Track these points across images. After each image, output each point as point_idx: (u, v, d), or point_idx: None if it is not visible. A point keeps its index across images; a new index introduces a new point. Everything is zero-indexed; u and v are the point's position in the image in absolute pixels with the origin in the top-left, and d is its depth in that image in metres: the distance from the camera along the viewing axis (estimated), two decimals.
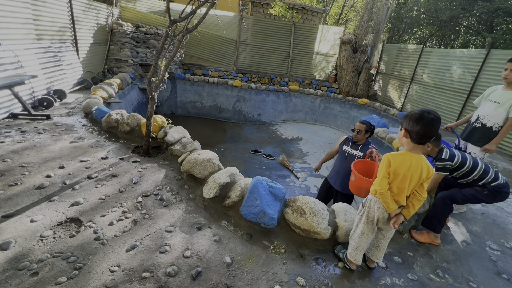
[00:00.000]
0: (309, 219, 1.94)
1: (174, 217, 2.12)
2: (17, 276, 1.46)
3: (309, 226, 1.93)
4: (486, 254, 2.22)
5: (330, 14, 20.78)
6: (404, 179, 1.46)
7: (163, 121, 3.70)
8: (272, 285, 1.62)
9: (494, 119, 2.55)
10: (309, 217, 1.94)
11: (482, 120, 2.64)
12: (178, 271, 1.63)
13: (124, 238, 1.83)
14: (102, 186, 2.39)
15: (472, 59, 6.30)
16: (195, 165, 2.52)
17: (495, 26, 11.41)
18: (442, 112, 6.88)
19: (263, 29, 9.77)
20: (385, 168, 1.49)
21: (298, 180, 5.20)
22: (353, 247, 1.75)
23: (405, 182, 1.47)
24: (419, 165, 1.44)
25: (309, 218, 1.94)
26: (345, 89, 9.28)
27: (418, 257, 2.06)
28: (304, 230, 1.98)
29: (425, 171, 1.45)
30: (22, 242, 1.68)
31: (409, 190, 1.50)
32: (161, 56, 2.97)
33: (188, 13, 2.72)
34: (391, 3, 8.55)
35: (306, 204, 2.01)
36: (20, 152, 2.73)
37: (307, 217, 1.95)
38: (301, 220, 1.97)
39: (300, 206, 2.02)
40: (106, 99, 4.68)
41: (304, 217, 1.96)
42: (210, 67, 9.78)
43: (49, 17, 5.01)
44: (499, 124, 2.52)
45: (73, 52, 5.64)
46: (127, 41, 7.25)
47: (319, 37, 10.11)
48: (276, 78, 10.03)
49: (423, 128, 1.37)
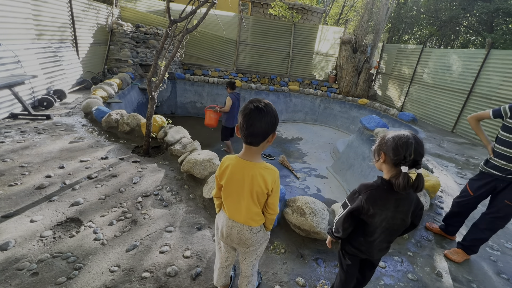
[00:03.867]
0: (309, 219, 1.94)
1: (174, 217, 2.11)
2: (17, 276, 1.46)
3: (309, 226, 1.93)
4: (486, 254, 2.22)
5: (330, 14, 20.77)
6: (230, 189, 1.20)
7: (163, 121, 3.69)
8: (272, 285, 1.62)
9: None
10: (309, 217, 1.94)
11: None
12: (178, 271, 1.63)
13: (124, 238, 1.83)
14: (102, 186, 2.39)
15: (472, 59, 6.30)
16: (195, 165, 2.52)
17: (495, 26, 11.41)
18: (442, 112, 6.88)
19: (263, 29, 9.76)
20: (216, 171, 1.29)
21: (298, 180, 5.20)
22: (214, 265, 1.51)
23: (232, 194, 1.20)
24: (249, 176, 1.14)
25: (309, 218, 1.94)
26: (345, 89, 9.28)
27: (418, 257, 2.06)
28: (304, 230, 1.98)
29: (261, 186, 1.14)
30: (22, 242, 1.68)
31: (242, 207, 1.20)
32: (161, 56, 2.97)
33: (188, 13, 2.72)
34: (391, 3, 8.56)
35: (306, 204, 2.01)
36: (20, 152, 2.73)
37: (307, 217, 1.95)
38: (301, 220, 1.97)
39: (300, 206, 2.02)
40: (106, 99, 4.67)
41: (304, 217, 1.96)
42: (210, 67, 9.78)
43: (49, 17, 5.00)
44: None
45: (73, 52, 5.64)
46: (127, 41, 7.25)
47: (319, 37, 10.10)
48: (276, 78, 10.03)
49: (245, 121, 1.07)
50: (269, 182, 1.12)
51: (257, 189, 1.13)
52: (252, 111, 1.04)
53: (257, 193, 1.14)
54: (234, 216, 1.21)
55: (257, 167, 1.12)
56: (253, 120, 1.04)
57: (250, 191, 1.14)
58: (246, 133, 1.07)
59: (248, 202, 1.16)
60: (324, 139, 7.66)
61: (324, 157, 6.48)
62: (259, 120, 1.04)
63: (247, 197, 1.15)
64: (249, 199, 1.15)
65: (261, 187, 1.12)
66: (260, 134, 1.07)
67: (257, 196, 1.16)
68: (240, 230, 1.21)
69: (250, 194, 1.14)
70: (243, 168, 1.13)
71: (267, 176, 1.12)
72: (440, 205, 2.82)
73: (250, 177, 1.12)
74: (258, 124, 1.04)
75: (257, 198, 1.16)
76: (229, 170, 1.16)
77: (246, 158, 1.14)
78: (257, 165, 1.12)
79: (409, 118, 6.45)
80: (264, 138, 1.09)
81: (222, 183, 1.20)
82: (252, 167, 1.12)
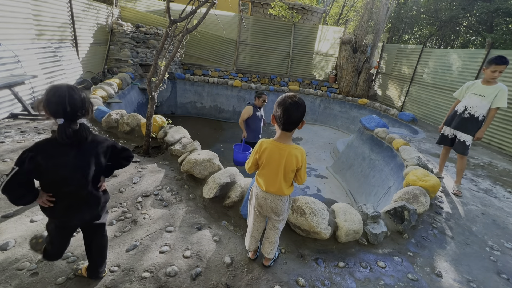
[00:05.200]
0: (309, 219, 1.94)
1: (174, 217, 2.11)
2: (17, 276, 1.46)
3: (309, 226, 1.93)
4: (486, 254, 2.22)
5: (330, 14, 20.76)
6: (269, 168, 1.46)
7: (163, 121, 3.70)
8: (272, 285, 1.62)
9: (480, 110, 2.91)
10: (309, 217, 1.94)
11: (470, 111, 2.99)
12: (178, 271, 1.63)
13: (124, 238, 1.83)
14: None
15: (472, 59, 6.30)
16: (195, 165, 2.52)
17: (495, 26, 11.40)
18: (442, 112, 6.87)
19: (263, 29, 9.76)
20: (253, 154, 1.51)
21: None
22: (247, 233, 1.77)
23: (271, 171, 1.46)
24: (284, 156, 1.40)
25: (309, 218, 1.94)
26: (345, 89, 9.28)
27: (418, 257, 2.06)
28: (304, 230, 1.98)
29: (293, 163, 1.41)
30: (22, 242, 1.68)
31: (277, 181, 1.46)
32: (161, 56, 2.97)
33: (188, 13, 2.72)
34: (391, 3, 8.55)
35: (306, 204, 2.01)
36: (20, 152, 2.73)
37: (307, 217, 1.95)
38: (301, 220, 1.97)
39: (300, 206, 2.02)
40: (106, 99, 4.68)
41: (304, 217, 1.96)
42: (210, 67, 9.78)
43: (49, 17, 5.00)
44: (483, 115, 2.92)
45: (73, 52, 5.64)
46: (127, 41, 7.25)
47: (319, 37, 10.10)
48: (276, 78, 10.03)
49: (284, 113, 1.33)
50: (300, 159, 1.43)
51: (290, 166, 1.42)
52: (290, 104, 1.32)
53: (289, 169, 1.43)
54: (269, 188, 1.49)
55: (290, 148, 1.41)
56: (291, 111, 1.33)
57: (284, 168, 1.42)
58: (284, 122, 1.36)
59: (281, 177, 1.45)
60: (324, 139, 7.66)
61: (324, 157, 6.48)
62: (296, 110, 1.33)
63: (281, 173, 1.44)
64: (282, 174, 1.44)
65: (293, 164, 1.42)
66: (295, 122, 1.37)
67: (289, 172, 1.44)
68: (273, 200, 1.51)
69: (284, 170, 1.43)
70: (280, 149, 1.42)
71: (298, 154, 1.42)
72: (440, 205, 2.82)
73: (285, 156, 1.41)
74: (294, 114, 1.34)
75: (288, 173, 1.45)
76: (268, 151, 1.44)
77: (281, 141, 1.43)
78: (290, 147, 1.42)
79: (409, 118, 6.45)
80: (297, 125, 1.39)
81: (260, 162, 1.49)
82: (286, 148, 1.41)
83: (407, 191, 2.64)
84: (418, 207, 2.44)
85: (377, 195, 4.10)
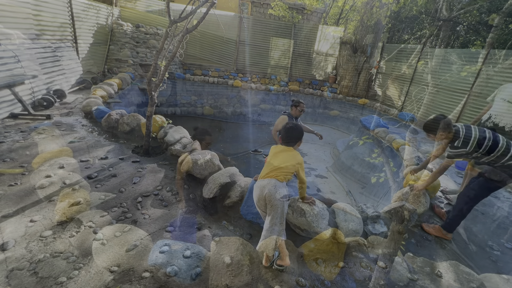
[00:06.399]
0: (309, 219, 1.94)
1: (174, 217, 2.11)
2: (17, 276, 1.46)
3: (309, 226, 1.93)
4: (486, 254, 2.22)
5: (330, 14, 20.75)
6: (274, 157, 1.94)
7: (163, 121, 3.69)
8: (272, 285, 1.62)
9: (506, 119, 2.35)
10: (309, 217, 1.94)
11: (494, 120, 2.45)
12: (178, 271, 1.63)
13: (124, 238, 1.83)
14: (102, 186, 2.39)
15: (472, 59, 6.30)
16: (195, 165, 2.52)
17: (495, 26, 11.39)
18: (442, 112, 6.87)
19: (263, 29, 9.76)
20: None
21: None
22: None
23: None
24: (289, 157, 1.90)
25: (309, 218, 1.94)
26: (345, 89, 9.28)
27: (418, 257, 2.06)
28: (304, 230, 1.98)
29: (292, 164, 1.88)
30: (22, 242, 1.68)
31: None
32: (161, 56, 2.97)
33: (188, 13, 2.72)
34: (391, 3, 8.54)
35: (306, 204, 2.01)
36: (20, 152, 2.73)
37: (307, 217, 1.95)
38: (301, 220, 1.97)
39: (300, 206, 2.02)
40: (106, 99, 4.68)
41: (304, 217, 1.96)
42: (210, 67, 9.77)
43: (49, 17, 5.00)
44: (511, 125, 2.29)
45: (73, 52, 5.64)
46: (127, 41, 7.25)
47: (319, 37, 10.09)
48: (276, 78, 10.03)
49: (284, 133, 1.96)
50: (298, 159, 1.89)
51: (287, 163, 1.85)
52: (289, 128, 1.96)
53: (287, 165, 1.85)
54: (263, 176, 1.85)
55: (291, 150, 1.94)
56: (290, 133, 1.95)
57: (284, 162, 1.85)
58: (285, 140, 1.96)
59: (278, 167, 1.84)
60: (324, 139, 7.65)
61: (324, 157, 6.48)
62: (293, 132, 1.96)
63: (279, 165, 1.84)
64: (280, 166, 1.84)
65: (291, 162, 1.86)
66: (293, 140, 1.96)
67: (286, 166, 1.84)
68: (264, 185, 1.79)
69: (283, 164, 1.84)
70: (285, 150, 1.94)
71: (296, 156, 1.90)
72: (440, 205, 2.81)
73: (286, 155, 1.90)
74: (292, 135, 1.95)
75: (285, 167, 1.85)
76: (275, 150, 1.96)
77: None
78: (292, 149, 1.94)
79: (408, 118, 6.46)
80: (295, 143, 1.97)
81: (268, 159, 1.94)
82: (288, 150, 1.93)
83: (407, 191, 2.64)
84: (418, 207, 2.44)
85: (377, 195, 4.10)
